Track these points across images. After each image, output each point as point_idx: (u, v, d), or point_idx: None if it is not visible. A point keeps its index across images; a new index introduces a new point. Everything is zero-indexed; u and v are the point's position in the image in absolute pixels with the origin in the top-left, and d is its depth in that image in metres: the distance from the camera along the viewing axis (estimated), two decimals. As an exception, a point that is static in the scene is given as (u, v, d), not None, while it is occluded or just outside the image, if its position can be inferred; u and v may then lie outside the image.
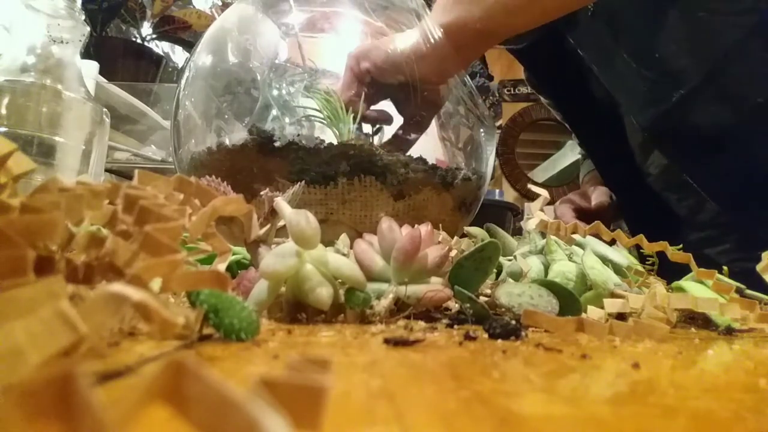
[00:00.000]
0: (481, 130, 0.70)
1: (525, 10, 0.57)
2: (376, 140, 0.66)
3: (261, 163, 0.53)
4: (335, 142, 0.55)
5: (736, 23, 0.61)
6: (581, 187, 0.97)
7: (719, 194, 0.70)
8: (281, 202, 0.32)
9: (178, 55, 1.54)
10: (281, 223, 0.32)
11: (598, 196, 0.84)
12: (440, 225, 0.46)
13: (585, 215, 0.83)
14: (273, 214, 0.33)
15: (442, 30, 0.57)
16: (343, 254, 0.37)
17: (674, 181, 0.75)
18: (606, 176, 0.90)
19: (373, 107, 0.63)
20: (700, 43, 0.63)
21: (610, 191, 0.86)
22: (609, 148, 0.85)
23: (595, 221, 0.40)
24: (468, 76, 0.73)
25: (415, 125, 0.65)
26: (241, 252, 0.41)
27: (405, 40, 0.58)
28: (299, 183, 0.38)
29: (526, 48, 0.85)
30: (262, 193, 0.33)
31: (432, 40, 0.57)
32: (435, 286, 0.31)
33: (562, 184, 2.96)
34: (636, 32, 0.67)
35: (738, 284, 0.37)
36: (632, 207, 0.86)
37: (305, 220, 0.28)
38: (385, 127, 0.66)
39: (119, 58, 1.29)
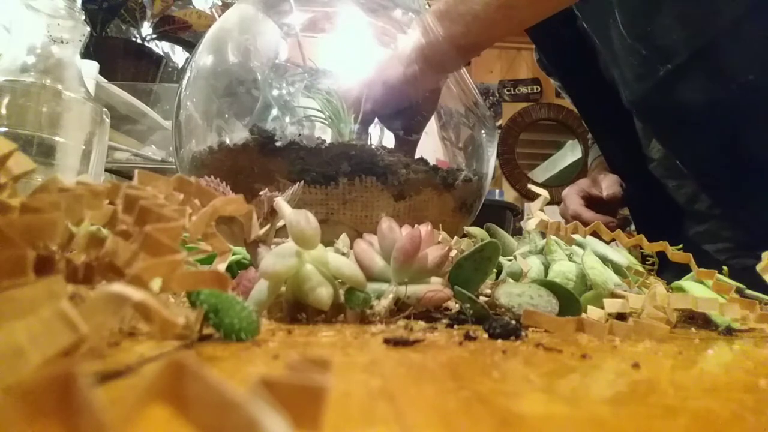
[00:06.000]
0: (482, 130, 0.70)
1: (501, 23, 0.58)
2: (376, 140, 0.66)
3: (262, 162, 0.53)
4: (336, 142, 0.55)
5: (734, 1, 0.61)
6: (589, 173, 0.95)
7: (708, 179, 0.69)
8: (281, 202, 0.32)
9: (178, 55, 1.54)
10: (281, 223, 0.32)
11: (610, 186, 0.82)
12: (440, 225, 0.46)
13: (594, 203, 0.81)
14: (273, 214, 0.33)
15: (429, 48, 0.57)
16: (343, 254, 0.37)
17: (672, 166, 0.75)
18: (612, 162, 0.89)
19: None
20: (694, 18, 0.62)
21: (620, 180, 0.84)
22: (615, 133, 0.84)
23: (595, 221, 0.40)
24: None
25: (415, 126, 0.65)
26: (241, 252, 0.41)
27: (400, 61, 0.59)
28: (298, 183, 0.38)
29: (538, 26, 0.84)
30: (261, 193, 0.33)
31: (430, 49, 0.58)
32: (435, 286, 0.31)
33: (562, 184, 2.97)
34: (633, 5, 0.66)
35: (738, 284, 0.37)
36: (637, 195, 0.84)
37: (305, 220, 0.28)
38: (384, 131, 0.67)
39: (119, 58, 1.30)
